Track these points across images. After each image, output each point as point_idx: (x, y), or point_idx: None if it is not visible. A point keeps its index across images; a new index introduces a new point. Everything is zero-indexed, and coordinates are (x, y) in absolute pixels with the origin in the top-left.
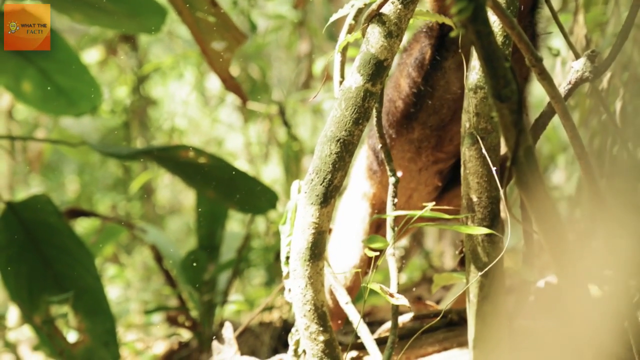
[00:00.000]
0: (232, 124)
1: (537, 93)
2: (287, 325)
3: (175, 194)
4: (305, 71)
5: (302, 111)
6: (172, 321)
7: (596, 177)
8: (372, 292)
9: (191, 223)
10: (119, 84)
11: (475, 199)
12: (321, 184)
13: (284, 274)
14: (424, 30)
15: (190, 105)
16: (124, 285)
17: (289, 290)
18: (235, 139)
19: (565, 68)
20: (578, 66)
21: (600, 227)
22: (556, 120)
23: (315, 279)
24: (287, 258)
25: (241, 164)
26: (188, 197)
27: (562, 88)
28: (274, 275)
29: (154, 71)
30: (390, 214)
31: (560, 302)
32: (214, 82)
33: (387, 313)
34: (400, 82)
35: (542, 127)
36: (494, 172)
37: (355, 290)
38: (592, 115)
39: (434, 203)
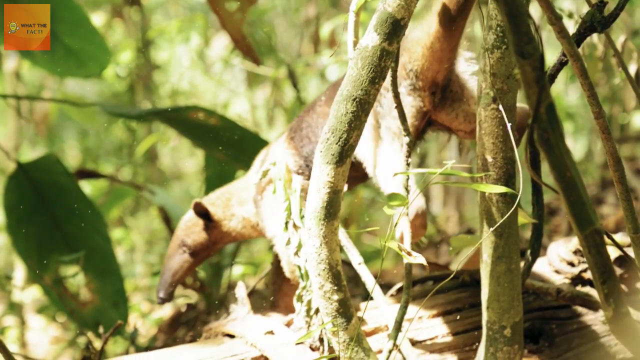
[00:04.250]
0: (236, 89)
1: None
2: None
3: (175, 161)
4: (312, 36)
5: (308, 76)
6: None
7: (612, 137)
8: (376, 256)
9: (192, 190)
10: (123, 48)
11: (490, 159)
12: (337, 143)
13: (285, 240)
14: None
15: (194, 71)
16: (130, 248)
17: (293, 255)
18: (240, 104)
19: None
20: (586, 17)
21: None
22: (560, 86)
23: (330, 238)
24: (286, 224)
25: None
26: (188, 164)
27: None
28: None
29: (158, 35)
30: (405, 172)
31: None
32: (216, 49)
33: (394, 276)
34: None
35: (550, 80)
36: (510, 132)
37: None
38: (601, 82)
39: (453, 161)
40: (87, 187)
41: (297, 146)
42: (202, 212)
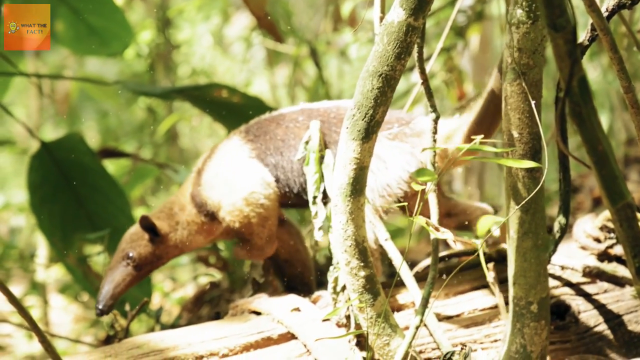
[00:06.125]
0: (255, 69)
1: None
2: (317, 266)
3: (195, 141)
4: (332, 14)
5: (328, 54)
6: (203, 262)
7: None
8: (398, 234)
9: None
10: (143, 28)
11: (516, 135)
12: (363, 119)
13: (313, 213)
14: None
15: (214, 50)
16: None
17: (318, 229)
18: (259, 84)
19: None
20: None
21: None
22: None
23: (357, 215)
24: (315, 198)
25: None
26: (208, 143)
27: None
28: (303, 216)
29: (178, 15)
30: (431, 147)
31: None
32: (236, 28)
33: (417, 254)
34: None
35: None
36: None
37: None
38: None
39: (482, 136)
40: (110, 166)
41: (260, 149)
42: (149, 227)
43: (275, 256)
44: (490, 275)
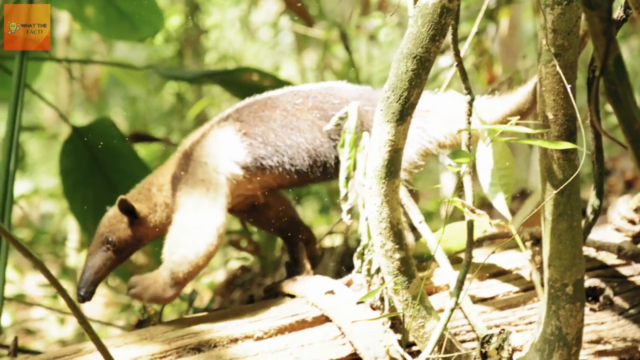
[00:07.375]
0: (284, 53)
1: None
2: (349, 250)
3: None
4: None
5: (358, 38)
6: (234, 245)
7: None
8: (427, 218)
9: None
10: (172, 13)
11: (551, 116)
12: (397, 102)
13: (342, 195)
14: None
15: (241, 35)
16: None
17: (347, 212)
18: (287, 69)
19: None
20: None
21: None
22: None
23: (391, 197)
24: (347, 179)
25: None
26: None
27: None
28: (334, 200)
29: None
30: (465, 129)
31: None
32: (264, 13)
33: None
34: None
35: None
36: (569, 89)
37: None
38: None
39: (517, 118)
40: (141, 150)
41: (254, 143)
42: (128, 210)
43: (277, 233)
44: (527, 254)
